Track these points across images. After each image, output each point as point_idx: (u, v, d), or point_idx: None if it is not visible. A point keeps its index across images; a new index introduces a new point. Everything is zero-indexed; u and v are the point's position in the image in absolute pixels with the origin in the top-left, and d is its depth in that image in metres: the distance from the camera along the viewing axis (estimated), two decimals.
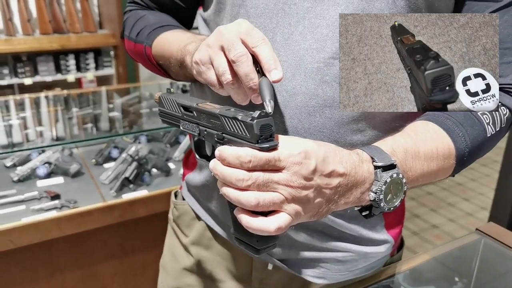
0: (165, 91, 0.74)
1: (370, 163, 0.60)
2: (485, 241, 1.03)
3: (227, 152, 0.55)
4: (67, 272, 1.72)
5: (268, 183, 0.53)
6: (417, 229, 3.12)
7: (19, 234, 1.51)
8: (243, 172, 0.53)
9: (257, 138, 0.53)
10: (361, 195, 0.60)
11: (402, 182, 0.61)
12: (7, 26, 3.25)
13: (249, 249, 0.60)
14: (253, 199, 0.53)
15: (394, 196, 0.61)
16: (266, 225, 0.54)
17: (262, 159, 0.53)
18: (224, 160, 0.55)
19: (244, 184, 0.53)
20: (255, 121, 0.53)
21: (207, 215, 0.92)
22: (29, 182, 1.79)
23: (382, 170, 0.60)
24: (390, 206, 0.61)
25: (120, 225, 1.72)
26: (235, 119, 0.56)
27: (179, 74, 0.82)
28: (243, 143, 0.55)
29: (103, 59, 3.69)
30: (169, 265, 1.01)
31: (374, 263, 0.89)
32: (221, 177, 0.55)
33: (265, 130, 0.54)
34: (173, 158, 2.05)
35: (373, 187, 0.60)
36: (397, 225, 0.90)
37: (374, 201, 0.60)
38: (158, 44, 0.84)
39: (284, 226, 0.54)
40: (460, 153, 0.69)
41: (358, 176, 0.59)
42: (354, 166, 0.59)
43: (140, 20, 0.90)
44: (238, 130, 0.56)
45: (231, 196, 0.55)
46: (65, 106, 2.55)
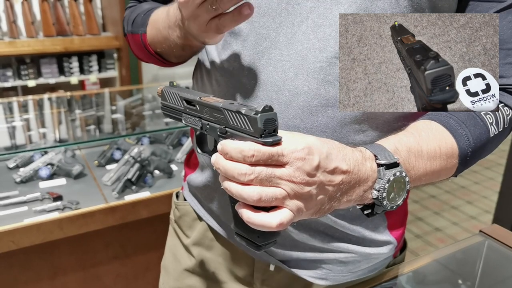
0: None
1: (373, 161, 0.60)
2: (488, 243, 1.03)
3: (230, 146, 0.54)
4: (69, 273, 1.72)
5: (270, 178, 0.53)
6: (420, 232, 3.11)
7: (21, 235, 1.51)
8: (245, 166, 0.53)
9: (260, 133, 0.53)
10: (363, 193, 0.60)
11: (405, 180, 0.61)
12: (11, 29, 3.27)
13: (250, 245, 0.60)
14: (255, 194, 0.52)
15: (397, 194, 0.61)
16: (268, 220, 0.53)
17: (265, 153, 0.52)
18: (226, 154, 0.55)
19: (246, 178, 0.53)
20: (259, 115, 0.53)
21: (209, 215, 0.92)
22: (31, 183, 1.80)
23: (385, 168, 0.59)
24: (392, 204, 0.61)
25: (122, 227, 1.72)
26: (238, 113, 0.55)
27: (174, 47, 0.78)
28: (246, 137, 0.55)
29: (106, 62, 3.71)
30: (170, 266, 1.01)
31: (376, 265, 0.89)
32: (223, 171, 0.55)
33: (268, 125, 0.53)
34: (175, 160, 2.05)
35: (376, 185, 0.60)
36: (400, 226, 0.90)
37: (377, 199, 0.60)
38: (150, 25, 0.83)
39: (286, 222, 0.54)
40: (463, 152, 0.68)
41: (361, 174, 0.58)
42: (357, 164, 0.58)
43: (135, 10, 0.90)
44: (241, 124, 0.55)
45: (232, 190, 0.54)
46: (68, 108, 2.56)
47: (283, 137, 0.54)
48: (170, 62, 0.88)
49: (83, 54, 3.58)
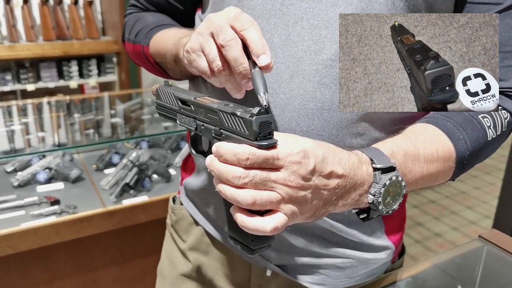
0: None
1: (369, 165, 0.59)
2: (488, 248, 1.02)
3: (225, 148, 0.54)
4: (66, 278, 1.71)
5: (265, 181, 0.52)
6: (420, 238, 3.10)
7: (18, 240, 1.51)
8: (240, 169, 0.52)
9: (255, 135, 0.52)
10: (359, 197, 0.59)
11: (401, 185, 0.60)
12: (10, 33, 3.27)
13: (244, 248, 0.59)
14: (250, 198, 0.52)
15: (393, 199, 0.60)
16: (262, 225, 0.53)
17: (260, 157, 0.52)
18: (221, 157, 0.54)
19: (240, 181, 0.52)
20: (254, 118, 0.52)
21: (205, 220, 0.91)
22: (29, 188, 1.79)
23: (381, 172, 0.59)
24: (388, 209, 0.60)
25: (120, 231, 1.71)
26: (233, 114, 0.55)
27: (175, 71, 0.82)
28: (241, 140, 0.54)
29: (106, 66, 3.71)
30: (166, 271, 1.00)
31: (374, 270, 0.88)
32: (217, 173, 0.54)
33: (264, 128, 0.52)
34: (174, 164, 2.04)
35: (372, 190, 0.59)
36: (398, 231, 0.89)
37: (373, 203, 0.59)
38: (155, 42, 0.84)
39: (280, 227, 0.53)
40: (460, 156, 0.68)
41: (357, 178, 0.58)
42: (353, 168, 0.58)
43: (139, 21, 0.90)
44: (237, 126, 0.55)
45: (227, 193, 0.54)
46: (67, 112, 2.56)
47: (279, 139, 0.53)
48: (168, 74, 0.89)
49: (83, 58, 3.58)
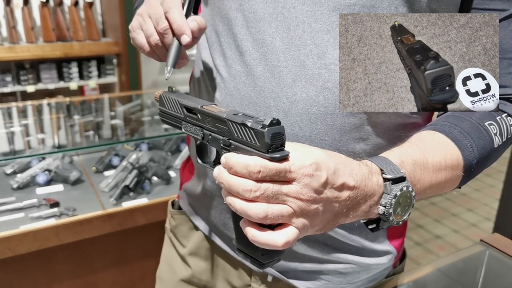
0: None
1: (379, 175, 0.58)
2: (489, 252, 1.02)
3: (235, 160, 0.52)
4: (66, 280, 1.70)
5: (277, 195, 0.50)
6: (420, 240, 3.09)
7: (17, 242, 1.50)
8: (251, 182, 0.50)
9: (267, 148, 0.50)
10: (369, 208, 0.58)
11: (412, 195, 0.58)
12: (11, 34, 3.27)
13: (253, 262, 0.57)
14: (262, 211, 0.50)
15: (403, 209, 0.58)
16: (274, 239, 0.51)
17: (273, 170, 0.50)
18: (231, 169, 0.52)
19: (252, 195, 0.50)
20: (266, 129, 0.50)
21: (205, 225, 0.90)
22: (28, 190, 1.79)
23: (392, 182, 0.57)
24: (398, 220, 0.58)
25: (120, 234, 1.70)
26: (244, 125, 0.53)
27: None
28: (252, 152, 0.52)
29: (106, 67, 3.71)
30: (165, 276, 0.99)
31: (376, 275, 0.87)
32: (227, 186, 0.52)
33: (276, 139, 0.50)
34: (174, 166, 2.04)
35: (382, 200, 0.57)
36: (400, 236, 0.88)
37: (383, 214, 0.57)
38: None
39: (291, 241, 0.52)
40: (468, 164, 0.66)
41: (368, 189, 0.56)
42: (364, 179, 0.56)
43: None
44: (247, 137, 0.52)
45: (237, 207, 0.52)
46: (67, 113, 2.56)
47: (290, 150, 0.52)
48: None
49: (83, 59, 3.58)
